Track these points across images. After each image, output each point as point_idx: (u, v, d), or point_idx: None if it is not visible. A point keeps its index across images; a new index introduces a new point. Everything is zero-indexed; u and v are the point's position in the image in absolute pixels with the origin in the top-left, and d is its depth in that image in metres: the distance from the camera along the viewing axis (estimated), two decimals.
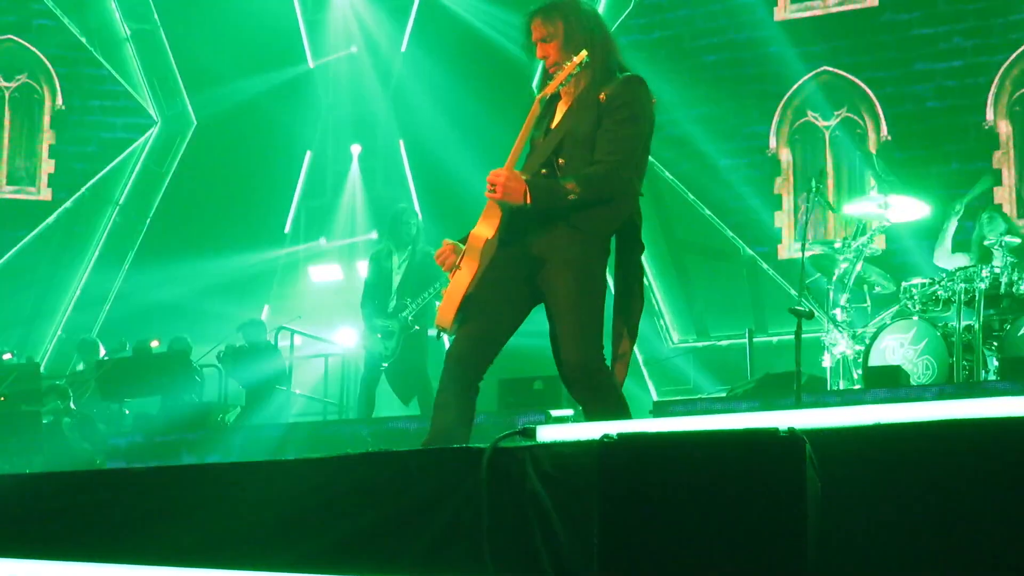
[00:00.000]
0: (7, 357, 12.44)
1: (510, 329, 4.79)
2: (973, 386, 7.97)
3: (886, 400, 7.47)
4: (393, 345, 10.37)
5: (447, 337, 4.84)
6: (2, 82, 16.05)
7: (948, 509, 3.02)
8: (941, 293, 8.80)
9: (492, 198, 4.65)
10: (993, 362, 8.46)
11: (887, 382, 8.25)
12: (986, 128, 13.05)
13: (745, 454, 3.02)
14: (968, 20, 13.20)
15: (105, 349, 12.99)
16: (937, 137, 13.19)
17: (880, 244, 9.86)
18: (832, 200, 12.56)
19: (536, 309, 4.83)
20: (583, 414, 4.85)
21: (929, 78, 13.34)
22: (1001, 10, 13.11)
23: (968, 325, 8.49)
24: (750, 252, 13.97)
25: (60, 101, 16.08)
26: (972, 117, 13.09)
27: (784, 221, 13.91)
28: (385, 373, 10.54)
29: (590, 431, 3.45)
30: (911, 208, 9.32)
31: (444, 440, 4.55)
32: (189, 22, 16.01)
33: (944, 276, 8.87)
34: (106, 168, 16.07)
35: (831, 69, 13.78)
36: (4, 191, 15.92)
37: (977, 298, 8.47)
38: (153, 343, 12.60)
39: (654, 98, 4.81)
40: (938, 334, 8.59)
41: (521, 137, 4.71)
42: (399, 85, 15.87)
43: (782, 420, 3.19)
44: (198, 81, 16.09)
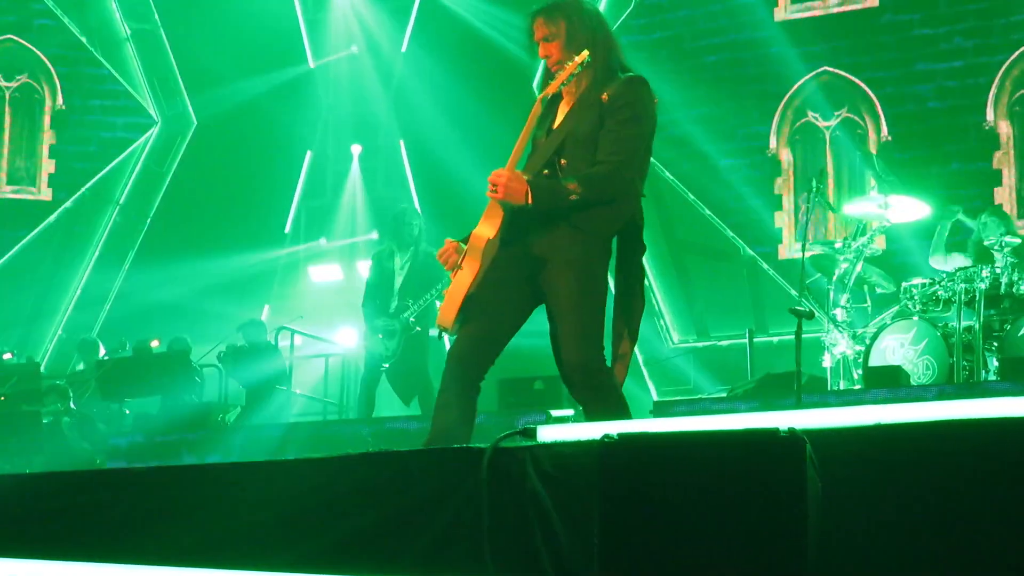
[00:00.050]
0: (7, 357, 12.44)
1: (512, 329, 4.79)
2: (973, 386, 7.96)
3: (886, 400, 7.47)
4: (394, 346, 10.37)
5: (447, 337, 4.84)
6: (2, 82, 16.05)
7: (948, 509, 3.02)
8: (941, 293, 8.80)
9: (494, 198, 4.65)
10: (993, 362, 8.46)
11: (887, 382, 8.25)
12: (986, 128, 13.04)
13: (745, 454, 3.02)
14: (968, 20, 13.19)
15: (105, 349, 12.99)
16: (937, 137, 13.19)
17: (880, 244, 9.86)
18: (832, 200, 12.56)
19: (537, 309, 4.83)
20: (583, 414, 4.85)
21: (929, 78, 13.34)
22: (1002, 10, 13.11)
23: (968, 325, 8.49)
24: (750, 252, 13.96)
25: (60, 101, 16.07)
26: (972, 117, 13.08)
27: (784, 221, 13.90)
28: (386, 373, 10.54)
29: (590, 431, 3.45)
30: (911, 208, 9.32)
31: (445, 440, 4.55)
32: (189, 22, 16.00)
33: (944, 276, 8.87)
34: (106, 168, 16.06)
35: (831, 69, 13.77)
36: (4, 191, 15.91)
37: (977, 298, 8.47)
38: (153, 343, 12.59)
39: (656, 98, 4.81)
40: (938, 334, 8.59)
41: (523, 137, 4.71)
42: (400, 85, 15.86)
43: (782, 420, 3.19)
44: (198, 81, 16.08)
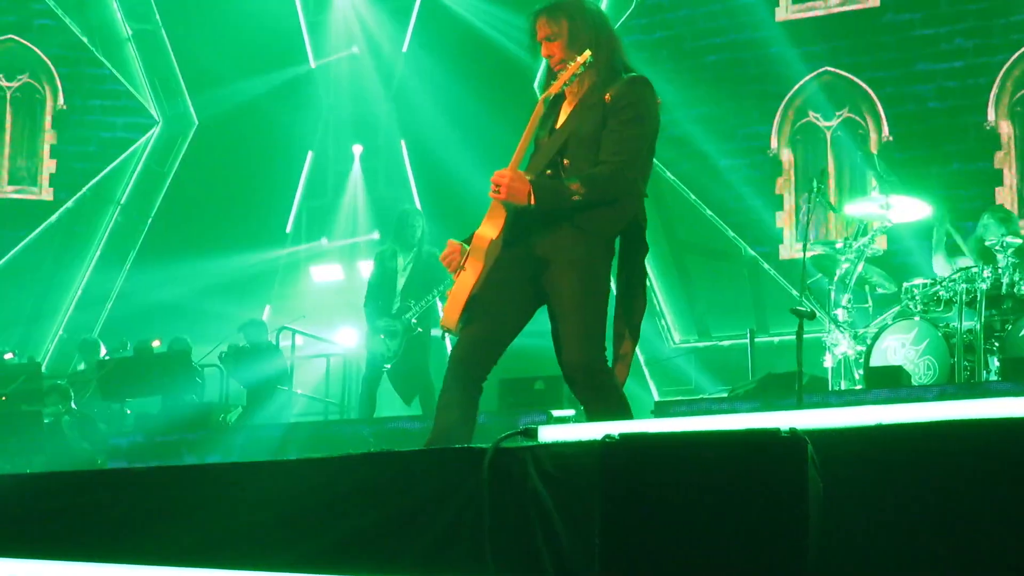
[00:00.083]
0: (9, 357, 12.45)
1: (514, 330, 4.79)
2: (974, 387, 7.95)
3: (887, 400, 7.46)
4: (396, 346, 10.38)
5: (449, 338, 4.84)
6: (4, 82, 16.05)
7: (949, 510, 3.01)
8: (942, 294, 8.79)
9: (496, 198, 4.65)
10: (994, 363, 8.45)
11: (888, 382, 8.24)
12: (987, 129, 13.04)
13: (747, 454, 3.01)
14: (969, 20, 13.19)
15: (106, 349, 13.00)
16: (938, 137, 13.18)
17: (881, 244, 9.85)
18: (833, 200, 12.56)
19: (539, 309, 4.83)
20: (585, 414, 4.85)
21: (930, 78, 13.34)
22: (1002, 11, 13.10)
23: (970, 326, 8.48)
24: (751, 252, 13.96)
25: (61, 101, 16.07)
26: (973, 117, 13.08)
27: (785, 221, 13.90)
28: (387, 373, 10.55)
29: (591, 431, 3.44)
30: (912, 208, 9.30)
31: (447, 440, 4.55)
32: (190, 22, 16.01)
33: (945, 277, 8.87)
34: (107, 168, 16.06)
35: (832, 69, 13.77)
36: (6, 191, 15.92)
37: (978, 299, 8.46)
38: (154, 343, 12.60)
39: (659, 98, 4.81)
40: (939, 335, 8.58)
41: (525, 137, 4.70)
42: (401, 85, 15.86)
43: (784, 420, 3.18)
44: (199, 81, 16.09)
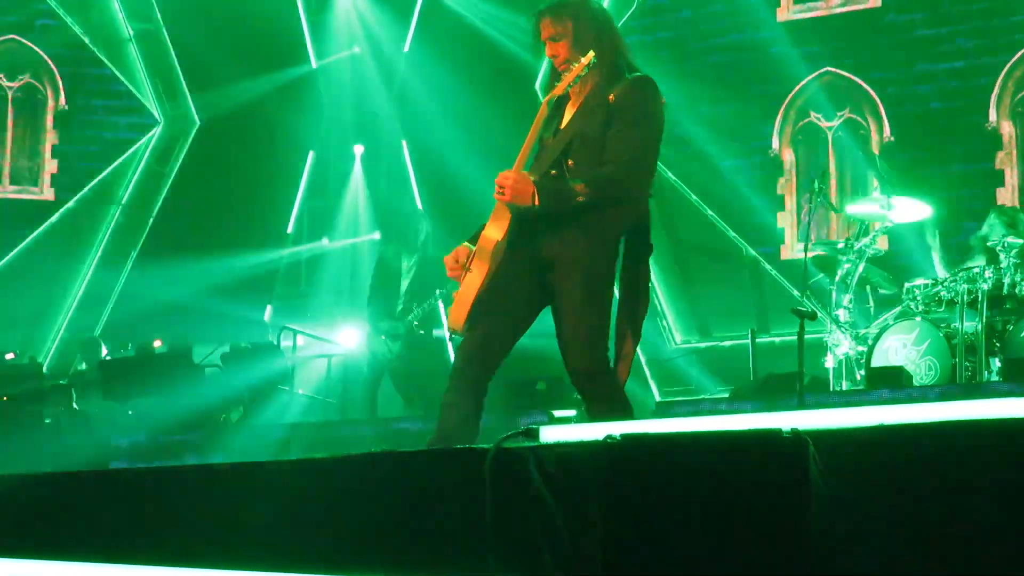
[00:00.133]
0: (10, 357, 12.45)
1: (519, 331, 4.80)
2: (976, 387, 7.95)
3: (889, 401, 7.46)
4: (398, 348, 10.38)
5: (451, 339, 4.85)
6: (5, 82, 16.05)
7: (951, 510, 3.01)
8: (944, 294, 8.79)
9: (501, 200, 4.64)
10: (996, 363, 8.45)
11: (890, 383, 8.24)
12: (989, 129, 13.03)
13: (748, 455, 3.01)
14: (971, 21, 13.18)
15: (107, 349, 12.99)
16: (940, 138, 13.17)
17: (883, 245, 9.86)
18: (835, 201, 12.56)
19: (543, 310, 4.84)
20: (587, 414, 4.85)
21: (932, 79, 13.33)
22: (1004, 11, 13.09)
23: (971, 327, 8.48)
24: (753, 253, 13.95)
25: (63, 101, 16.06)
26: (975, 118, 13.07)
27: (787, 222, 13.89)
28: (389, 373, 10.56)
29: (593, 432, 3.44)
30: (914, 209, 9.31)
31: (450, 440, 4.56)
32: (192, 22, 15.98)
33: (947, 277, 8.87)
34: (109, 168, 16.04)
35: (834, 70, 13.76)
36: (7, 191, 15.91)
37: (980, 299, 8.46)
38: (156, 343, 12.59)
39: (663, 99, 4.81)
40: (941, 335, 8.57)
41: (530, 138, 4.71)
42: (402, 86, 15.85)
43: (785, 421, 3.18)
44: (201, 81, 16.07)
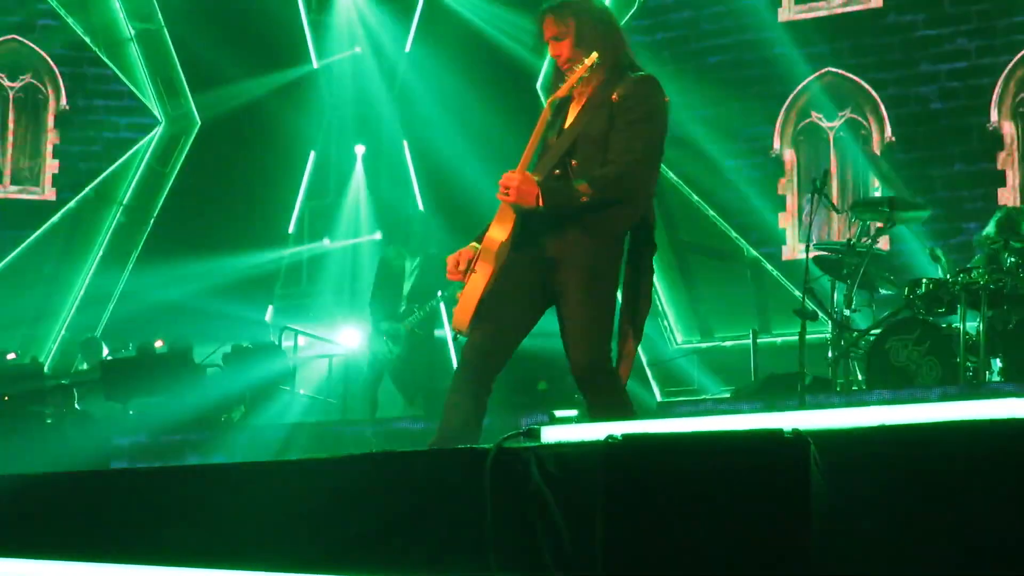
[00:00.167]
0: (11, 357, 12.45)
1: (523, 331, 4.80)
2: (977, 387, 7.95)
3: (890, 401, 7.46)
4: (399, 349, 10.38)
5: (453, 339, 4.85)
6: (6, 82, 16.05)
7: (952, 510, 3.01)
8: (945, 294, 8.79)
9: (505, 201, 4.64)
10: (997, 364, 8.45)
11: (891, 383, 8.25)
12: (990, 129, 13.04)
13: (749, 455, 3.01)
14: (972, 21, 13.19)
15: (108, 349, 12.99)
16: (941, 138, 13.18)
17: (884, 245, 9.85)
18: (836, 201, 12.57)
19: (547, 310, 4.84)
20: (588, 413, 4.85)
21: (933, 79, 13.33)
22: (1005, 11, 13.10)
23: (972, 327, 8.47)
24: (754, 253, 13.96)
25: (64, 101, 16.07)
26: (976, 118, 13.08)
27: (788, 222, 13.89)
28: (390, 374, 10.55)
29: (594, 432, 3.44)
30: (915, 209, 9.31)
31: (452, 441, 4.55)
32: (193, 22, 15.99)
33: (948, 277, 8.86)
34: (110, 168, 16.06)
35: (835, 70, 13.77)
36: (8, 191, 15.92)
37: (982, 299, 8.46)
38: (157, 343, 12.59)
39: (667, 97, 4.80)
40: (942, 335, 8.57)
41: (533, 139, 4.70)
42: (403, 86, 15.86)
43: (786, 421, 3.17)
44: (202, 81, 16.08)
